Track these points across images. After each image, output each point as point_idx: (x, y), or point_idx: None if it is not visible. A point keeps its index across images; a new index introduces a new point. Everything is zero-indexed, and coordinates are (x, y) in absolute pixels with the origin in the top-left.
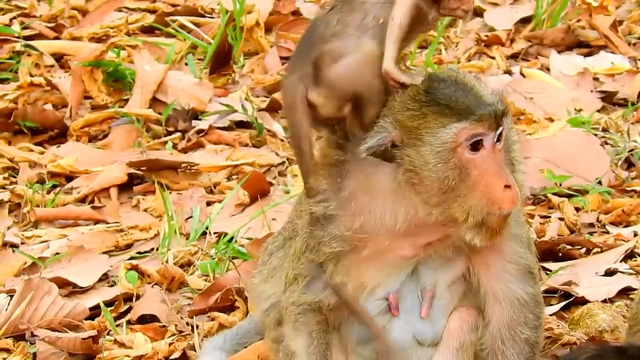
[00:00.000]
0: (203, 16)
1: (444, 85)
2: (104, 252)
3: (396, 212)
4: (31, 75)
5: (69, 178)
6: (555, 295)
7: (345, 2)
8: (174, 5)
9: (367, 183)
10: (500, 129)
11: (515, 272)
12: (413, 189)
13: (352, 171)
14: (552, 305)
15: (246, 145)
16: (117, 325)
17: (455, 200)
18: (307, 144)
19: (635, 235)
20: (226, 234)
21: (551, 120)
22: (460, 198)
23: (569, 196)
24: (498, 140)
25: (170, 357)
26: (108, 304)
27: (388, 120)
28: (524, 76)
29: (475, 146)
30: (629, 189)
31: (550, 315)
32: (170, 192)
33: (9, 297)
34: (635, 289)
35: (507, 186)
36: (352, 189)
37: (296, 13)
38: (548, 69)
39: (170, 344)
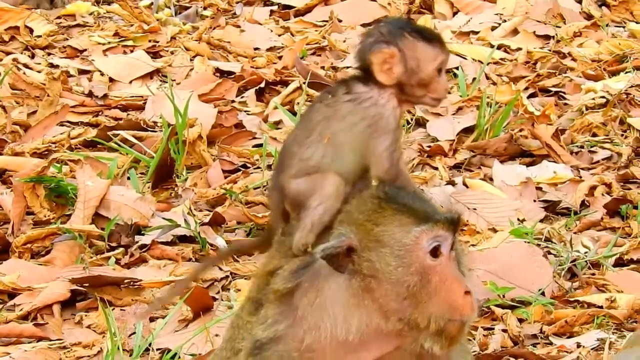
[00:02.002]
0: (145, 130)
1: (401, 191)
2: None
3: (349, 323)
4: None
5: (12, 295)
6: None
7: (302, 118)
8: (116, 119)
9: (319, 299)
10: (455, 236)
11: None
12: (370, 296)
13: (305, 289)
14: None
15: (189, 260)
16: None
17: (416, 306)
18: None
19: (579, 346)
20: (169, 350)
21: (494, 231)
22: (421, 304)
23: (512, 307)
24: (451, 248)
25: None
26: None
27: (345, 225)
28: (467, 187)
29: (435, 252)
30: (572, 299)
31: None
32: (113, 309)
33: None
34: None
35: (467, 292)
36: (304, 307)
37: (239, 126)
38: (491, 179)
39: None
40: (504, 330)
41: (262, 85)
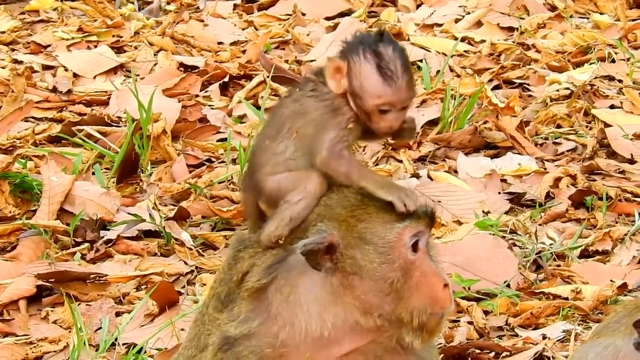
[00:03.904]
0: (110, 125)
1: None
2: None
3: (323, 319)
4: None
5: None
6: None
7: (272, 114)
8: (80, 115)
9: (293, 295)
10: (430, 230)
11: None
12: (351, 292)
13: (280, 285)
14: None
15: (154, 254)
16: None
17: (399, 302)
18: None
19: (545, 338)
20: (135, 344)
21: (459, 223)
22: (404, 300)
23: (477, 300)
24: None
25: None
26: None
27: (326, 221)
28: (431, 179)
29: (415, 247)
30: (537, 291)
31: None
32: (79, 304)
33: None
34: None
35: (446, 285)
36: (279, 303)
37: (203, 120)
38: (456, 171)
39: None
40: (470, 323)
41: (226, 79)
